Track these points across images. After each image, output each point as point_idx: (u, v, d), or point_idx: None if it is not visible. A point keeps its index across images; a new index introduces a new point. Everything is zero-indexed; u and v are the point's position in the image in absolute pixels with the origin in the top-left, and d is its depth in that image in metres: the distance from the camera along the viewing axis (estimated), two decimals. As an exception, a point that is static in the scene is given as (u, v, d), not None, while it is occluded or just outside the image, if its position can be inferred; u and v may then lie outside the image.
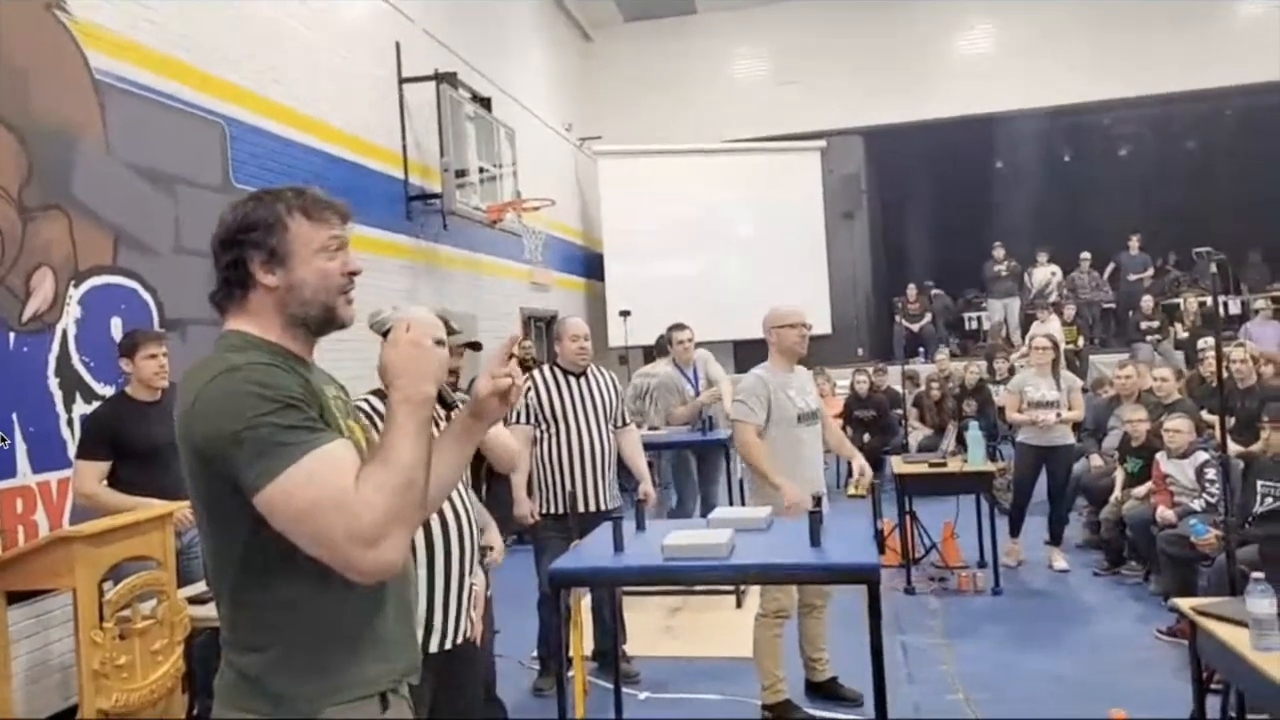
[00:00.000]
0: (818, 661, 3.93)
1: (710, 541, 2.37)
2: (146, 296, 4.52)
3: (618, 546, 2.50)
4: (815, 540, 2.37)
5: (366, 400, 2.27)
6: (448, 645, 2.26)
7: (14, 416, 3.70)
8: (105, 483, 3.60)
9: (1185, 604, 2.60)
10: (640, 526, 2.75)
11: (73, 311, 4.04)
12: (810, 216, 12.21)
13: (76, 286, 4.08)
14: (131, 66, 4.48)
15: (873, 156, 13.30)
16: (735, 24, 13.03)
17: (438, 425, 2.06)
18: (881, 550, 2.43)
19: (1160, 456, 4.99)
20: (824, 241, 12.30)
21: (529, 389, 4.07)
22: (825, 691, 3.89)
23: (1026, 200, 12.80)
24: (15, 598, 2.91)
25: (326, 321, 1.44)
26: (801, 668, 3.92)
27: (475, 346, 2.14)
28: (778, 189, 11.97)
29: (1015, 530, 5.70)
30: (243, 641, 1.34)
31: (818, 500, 2.60)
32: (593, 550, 2.56)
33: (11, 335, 3.72)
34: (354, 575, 1.26)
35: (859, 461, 3.98)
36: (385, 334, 1.50)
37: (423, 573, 2.18)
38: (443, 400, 2.24)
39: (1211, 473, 4.58)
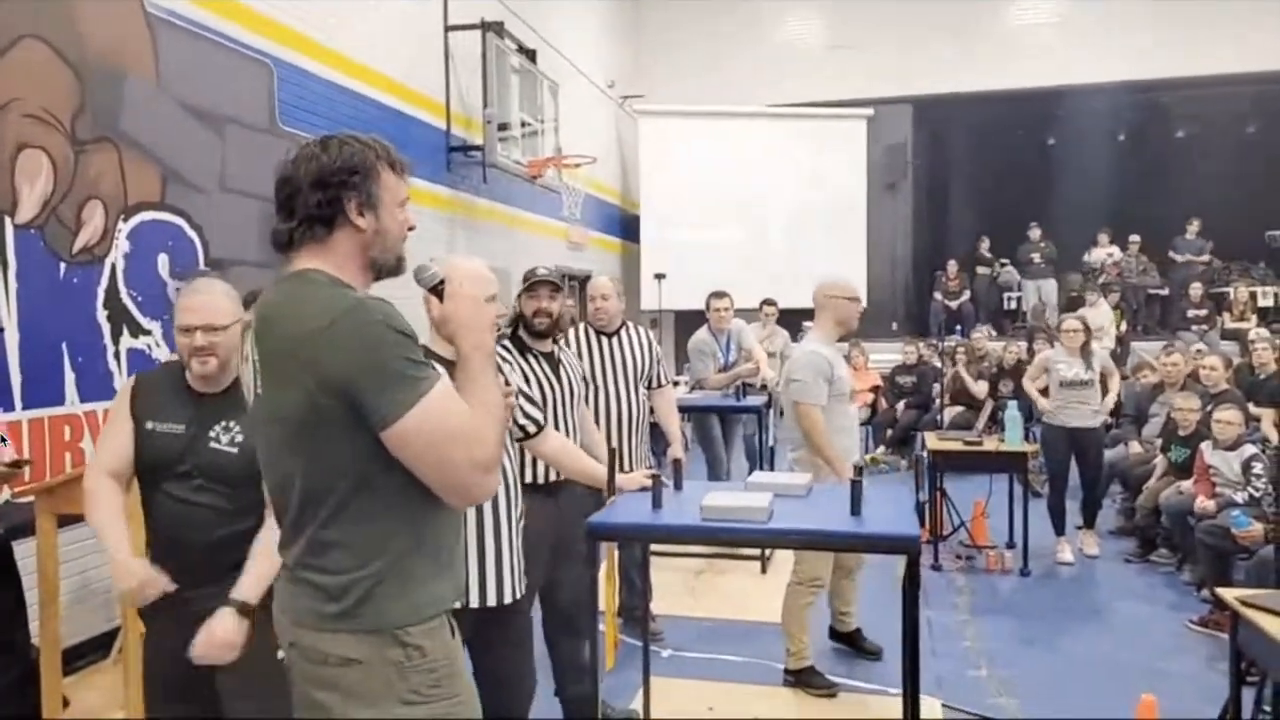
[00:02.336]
0: (845, 615, 4.00)
1: (750, 504, 2.36)
2: (192, 234, 4.56)
3: (655, 504, 2.50)
4: (856, 509, 2.35)
5: None
6: (490, 603, 2.27)
7: (63, 346, 3.76)
8: None
9: (1230, 594, 2.56)
10: (678, 487, 2.74)
11: (121, 246, 4.09)
12: (853, 186, 12.01)
13: (125, 221, 4.12)
14: (184, 1, 4.47)
15: (921, 127, 13.03)
16: (787, -17, 12.74)
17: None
18: (924, 523, 2.40)
19: (1205, 447, 4.89)
20: (865, 213, 12.11)
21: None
22: (848, 641, 3.96)
23: (1078, 179, 12.48)
24: (63, 522, 2.96)
25: (392, 270, 1.53)
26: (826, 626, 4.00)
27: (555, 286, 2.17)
28: (821, 157, 11.78)
29: (1060, 527, 5.52)
30: (332, 564, 1.39)
31: (859, 470, 2.58)
32: (630, 507, 2.56)
33: (62, 266, 3.77)
34: (465, 501, 1.43)
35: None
36: (433, 288, 1.53)
37: (471, 530, 2.20)
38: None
39: (1259, 467, 4.48)
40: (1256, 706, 2.82)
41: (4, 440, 2.73)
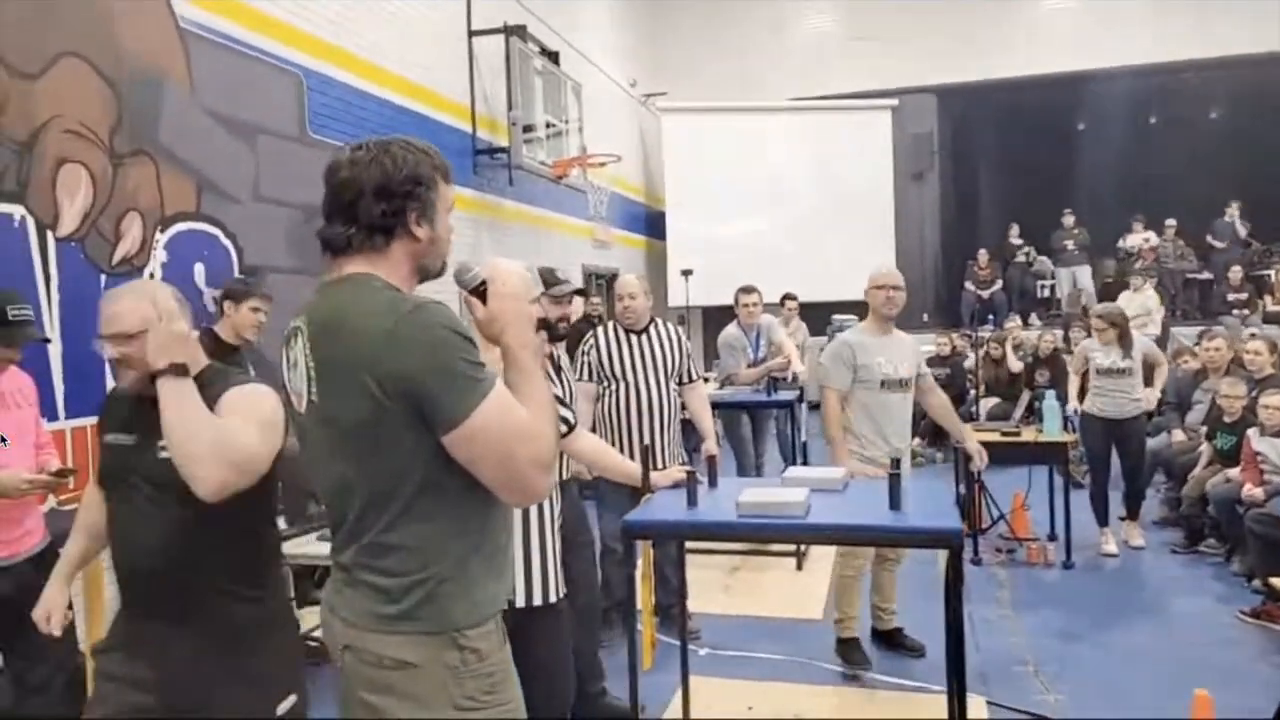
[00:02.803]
0: (885, 611, 3.98)
1: (787, 500, 2.34)
2: (227, 243, 4.62)
3: (691, 501, 2.49)
4: (895, 503, 2.32)
5: None
6: (535, 602, 2.28)
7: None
8: None
9: (1284, 583, 2.49)
10: (713, 483, 2.73)
11: (159, 256, 4.15)
12: (879, 177, 11.92)
13: (162, 232, 4.18)
14: (214, 15, 4.53)
15: (946, 116, 12.88)
16: (808, -23, 12.65)
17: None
18: (964, 516, 2.37)
19: (1252, 433, 4.78)
20: (893, 203, 12.01)
21: (591, 346, 4.08)
22: (890, 640, 3.94)
23: (1109, 164, 12.27)
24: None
25: (437, 274, 1.55)
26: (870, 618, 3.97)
27: (582, 293, 2.16)
28: (847, 148, 11.70)
29: (1104, 518, 5.41)
30: (394, 566, 1.40)
31: (896, 462, 2.55)
32: (665, 504, 2.55)
33: (103, 277, 3.84)
34: (525, 499, 1.44)
35: (973, 445, 3.99)
36: (475, 289, 1.54)
37: (517, 532, 2.21)
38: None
39: (1311, 452, 4.37)
40: (1314, 699, 2.75)
41: (3, 440, 2.75)
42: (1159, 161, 12.49)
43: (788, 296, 8.09)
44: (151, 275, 4.09)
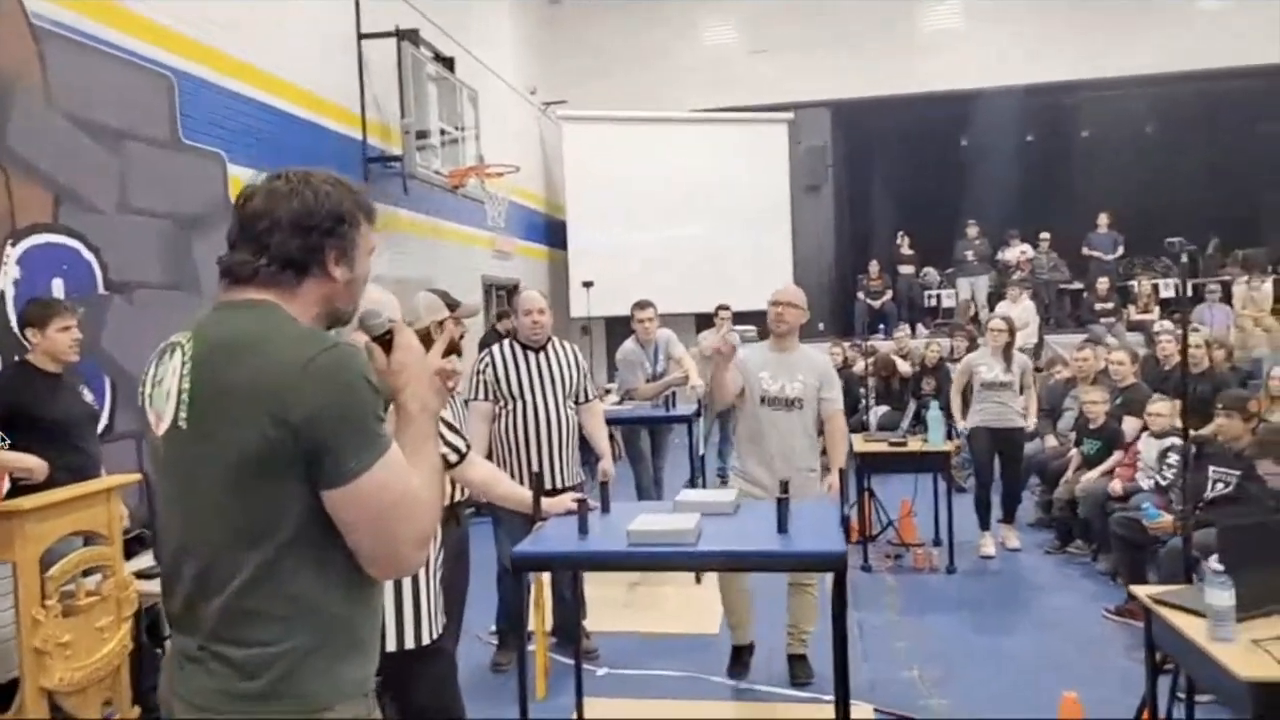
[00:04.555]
0: (795, 635, 3.84)
1: (677, 527, 2.33)
2: (89, 257, 4.33)
3: (582, 529, 2.46)
4: (782, 526, 2.35)
5: None
6: (408, 645, 2.19)
7: (-53, 380, 3.52)
8: None
9: (1142, 592, 2.64)
10: (605, 509, 2.70)
11: (11, 272, 3.85)
12: (776, 189, 12.17)
13: (14, 245, 3.89)
14: (73, 13, 4.25)
15: (840, 130, 13.28)
16: (706, -10, 12.83)
17: None
18: (847, 536, 2.42)
19: (1145, 435, 5.06)
20: (789, 215, 12.28)
21: (487, 364, 4.00)
22: (793, 664, 3.87)
23: (994, 178, 12.88)
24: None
25: (346, 320, 1.44)
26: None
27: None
28: (744, 160, 11.90)
29: (985, 522, 5.67)
30: (250, 636, 1.24)
31: (784, 486, 2.58)
32: (556, 532, 2.50)
33: (-57, 296, 3.54)
34: (393, 574, 1.33)
35: (831, 478, 3.78)
36: (380, 337, 1.43)
37: None
38: None
39: (1173, 456, 4.66)
40: (1172, 696, 2.91)
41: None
42: (1036, 177, 13.20)
43: (721, 307, 7.79)
44: (1, 293, 3.80)
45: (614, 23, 12.77)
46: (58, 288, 4.11)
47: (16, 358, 3.63)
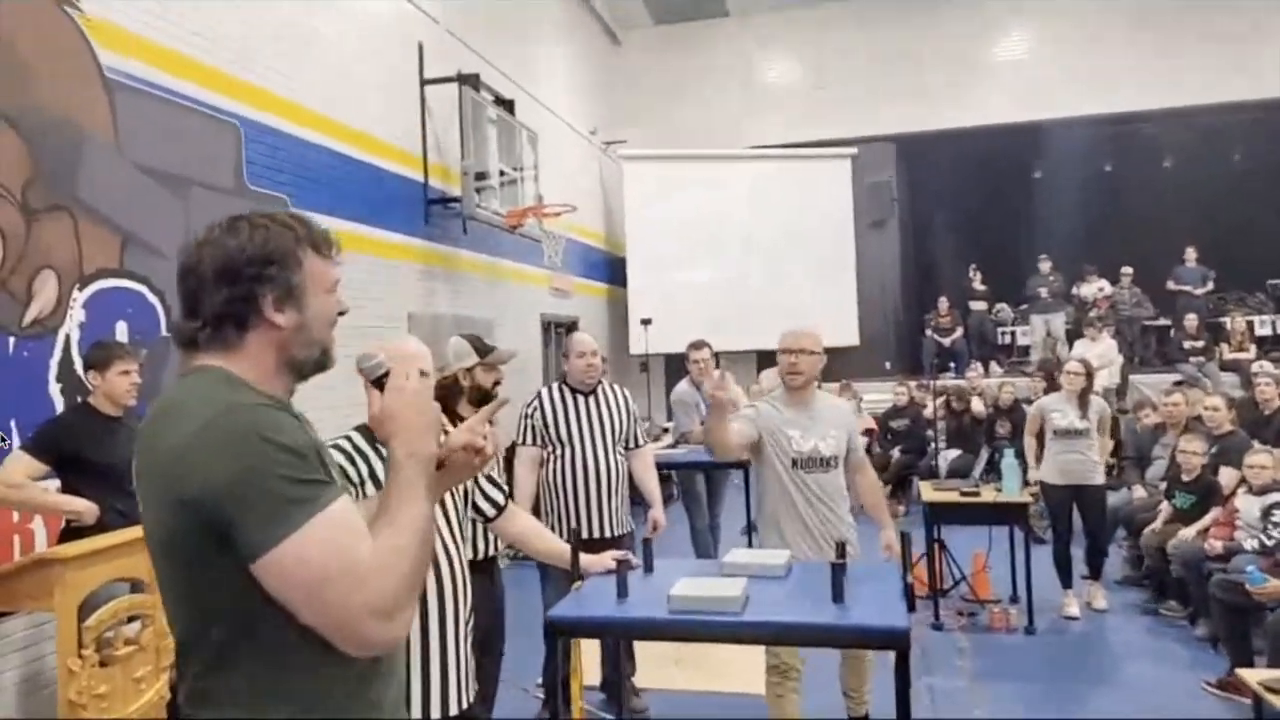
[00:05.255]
0: (853, 697, 3.56)
1: (722, 594, 2.17)
2: (154, 300, 4.40)
3: (621, 591, 2.31)
4: (838, 595, 2.16)
5: (349, 438, 2.09)
6: (434, 716, 2.07)
7: (12, 423, 3.58)
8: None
9: (1252, 678, 2.36)
10: (648, 568, 2.55)
11: (76, 315, 3.92)
12: (840, 225, 11.98)
13: (81, 289, 3.96)
14: (144, 65, 4.36)
15: (905, 164, 13.03)
16: (768, 27, 12.79)
17: None
18: (911, 607, 2.21)
19: (1241, 491, 4.69)
20: (854, 251, 12.06)
21: (535, 408, 3.91)
22: None
23: (1067, 212, 12.43)
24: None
25: (320, 364, 1.33)
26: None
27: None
28: (807, 197, 11.75)
29: (1067, 579, 5.29)
30: (215, 714, 1.17)
31: (842, 548, 2.39)
32: (595, 592, 2.36)
33: (11, 340, 3.60)
34: (362, 650, 1.16)
35: (888, 535, 3.38)
36: (377, 380, 1.35)
37: (415, 634, 2.00)
38: None
39: (1278, 515, 4.28)
40: (1283, 790, 2.60)
41: None
42: (1114, 209, 12.69)
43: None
44: (67, 336, 3.87)
45: (674, 62, 12.82)
46: (122, 331, 4.18)
47: (79, 399, 3.69)
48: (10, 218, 3.61)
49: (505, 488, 2.51)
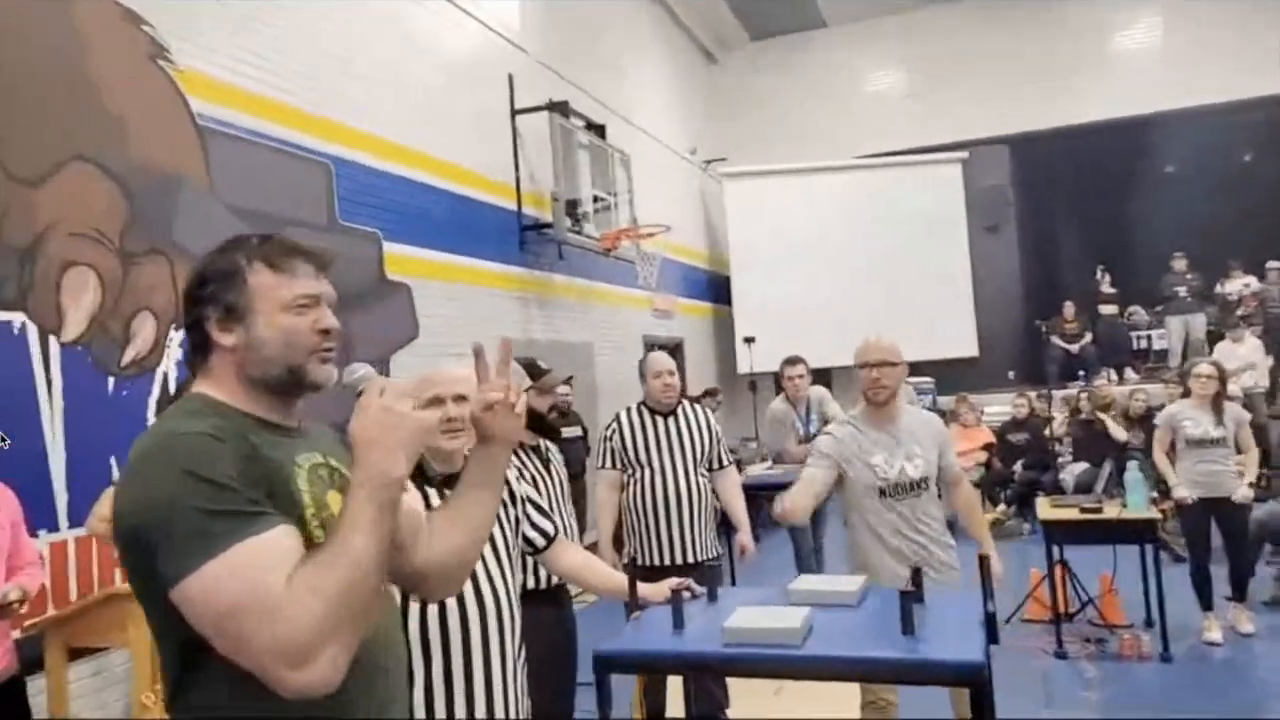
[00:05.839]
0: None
1: (780, 625, 1.99)
2: (248, 338, 4.58)
3: (677, 623, 2.17)
4: (908, 626, 1.95)
5: None
6: None
7: (111, 460, 3.76)
8: None
9: None
10: (712, 597, 2.39)
11: (174, 354, 4.11)
12: (953, 232, 11.49)
13: (178, 330, 4.14)
14: (235, 111, 4.58)
15: (1019, 166, 12.37)
16: (866, 36, 12.48)
17: (428, 504, 1.81)
18: (994, 639, 1.96)
19: None
20: (968, 258, 11.52)
21: (614, 431, 3.83)
22: None
23: (1202, 206, 11.46)
24: (77, 653, 2.87)
25: (293, 384, 1.28)
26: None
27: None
28: (917, 204, 11.31)
29: (1208, 601, 4.78)
30: None
31: (917, 573, 2.17)
32: (651, 626, 2.23)
33: (110, 380, 3.80)
34: (282, 693, 1.08)
35: (993, 560, 2.87)
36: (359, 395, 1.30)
37: (437, 660, 1.91)
38: (424, 475, 2.00)
39: None
40: None
41: None
42: (1257, 201, 11.60)
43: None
44: (165, 375, 4.06)
45: (772, 76, 12.65)
46: (220, 367, 4.36)
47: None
48: (109, 263, 3.83)
49: (556, 520, 2.42)
